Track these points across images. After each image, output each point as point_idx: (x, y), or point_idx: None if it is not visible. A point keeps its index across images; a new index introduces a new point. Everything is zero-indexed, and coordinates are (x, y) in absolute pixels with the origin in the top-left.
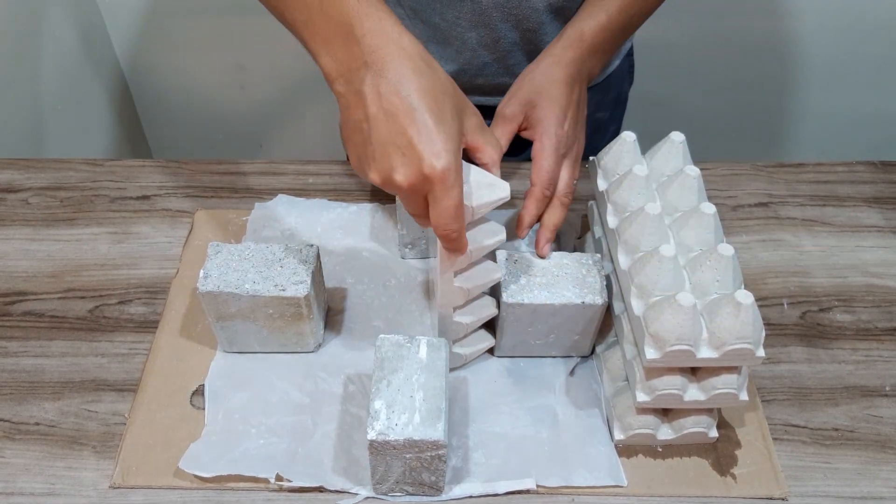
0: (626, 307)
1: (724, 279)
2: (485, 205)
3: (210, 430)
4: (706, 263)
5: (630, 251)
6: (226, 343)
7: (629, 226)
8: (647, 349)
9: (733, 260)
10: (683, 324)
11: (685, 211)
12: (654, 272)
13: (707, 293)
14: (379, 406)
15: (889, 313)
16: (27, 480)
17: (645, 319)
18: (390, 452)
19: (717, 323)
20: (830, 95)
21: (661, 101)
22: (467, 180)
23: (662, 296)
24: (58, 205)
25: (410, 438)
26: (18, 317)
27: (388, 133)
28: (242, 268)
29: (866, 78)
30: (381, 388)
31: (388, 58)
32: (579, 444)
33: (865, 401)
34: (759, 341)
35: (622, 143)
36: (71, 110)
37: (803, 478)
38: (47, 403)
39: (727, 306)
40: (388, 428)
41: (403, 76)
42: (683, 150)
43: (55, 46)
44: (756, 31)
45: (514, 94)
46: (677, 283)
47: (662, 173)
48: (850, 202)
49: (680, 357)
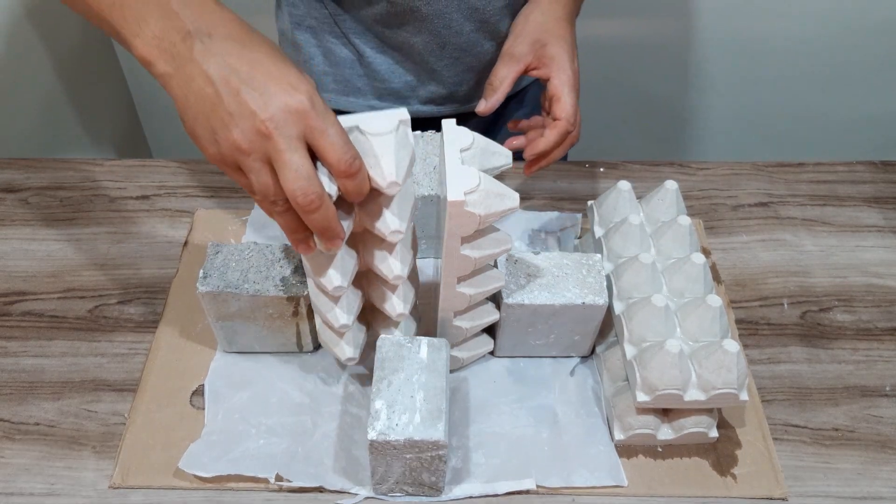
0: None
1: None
2: (493, 214)
3: (210, 430)
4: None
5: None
6: (226, 343)
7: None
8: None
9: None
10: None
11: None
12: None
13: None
14: (379, 406)
15: (889, 313)
16: (27, 480)
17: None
18: (391, 452)
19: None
20: (830, 95)
21: (661, 101)
22: (479, 188)
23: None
24: (57, 205)
25: (411, 438)
26: (18, 317)
27: (238, 82)
28: (242, 268)
29: (866, 78)
30: (381, 389)
31: (213, 23)
32: (579, 444)
33: (865, 401)
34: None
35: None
36: (71, 110)
37: (803, 478)
38: (47, 403)
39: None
40: (388, 428)
41: (233, 34)
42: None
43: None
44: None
45: (520, 34)
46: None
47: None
48: (850, 202)
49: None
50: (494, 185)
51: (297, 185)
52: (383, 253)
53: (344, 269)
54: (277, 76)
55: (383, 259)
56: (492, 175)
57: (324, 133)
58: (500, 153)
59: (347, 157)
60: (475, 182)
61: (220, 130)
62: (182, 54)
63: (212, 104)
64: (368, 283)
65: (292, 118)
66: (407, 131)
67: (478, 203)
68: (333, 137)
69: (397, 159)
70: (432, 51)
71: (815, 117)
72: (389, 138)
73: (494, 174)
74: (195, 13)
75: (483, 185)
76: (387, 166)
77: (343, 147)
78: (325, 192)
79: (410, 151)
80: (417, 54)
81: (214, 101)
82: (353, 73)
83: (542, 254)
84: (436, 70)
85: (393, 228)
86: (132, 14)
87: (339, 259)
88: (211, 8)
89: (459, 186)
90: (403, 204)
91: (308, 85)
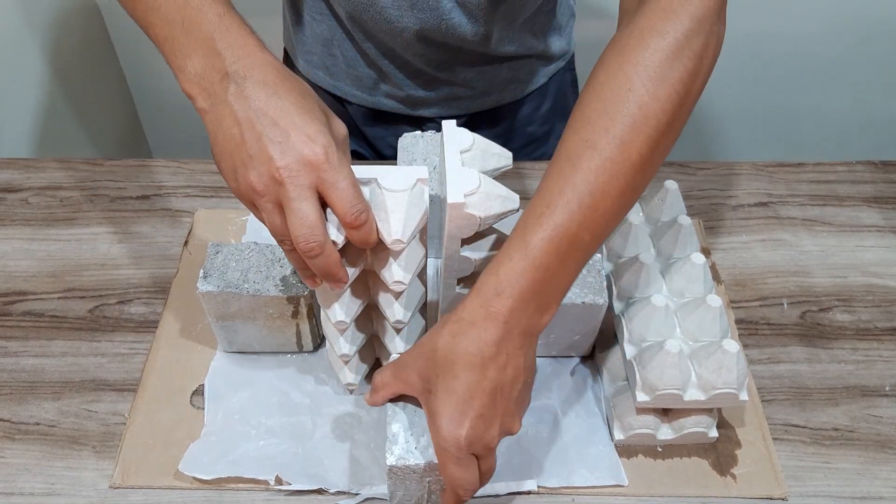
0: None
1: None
2: (494, 216)
3: (209, 431)
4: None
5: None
6: (226, 343)
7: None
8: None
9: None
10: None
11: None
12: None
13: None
14: (397, 429)
15: (889, 313)
16: (27, 480)
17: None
18: (410, 476)
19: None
20: (830, 95)
21: None
22: (479, 190)
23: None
24: (58, 205)
25: (431, 462)
26: (18, 317)
27: (262, 128)
28: (242, 268)
29: (866, 78)
30: (397, 411)
31: (251, 66)
32: (579, 444)
33: (865, 401)
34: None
35: None
36: (71, 110)
37: (803, 478)
38: (47, 403)
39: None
40: (407, 452)
41: (267, 80)
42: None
43: (55, 46)
44: (756, 31)
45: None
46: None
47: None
48: (850, 202)
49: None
50: (495, 186)
51: (300, 232)
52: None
53: (348, 308)
54: (300, 126)
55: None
56: (492, 176)
57: (334, 185)
58: (500, 154)
59: (354, 211)
60: (475, 184)
61: (240, 169)
62: (218, 94)
63: (236, 144)
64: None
65: (305, 169)
66: (423, 189)
67: (478, 205)
68: (343, 191)
69: (406, 218)
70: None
71: (815, 117)
72: (403, 196)
73: (495, 175)
74: (235, 56)
75: (483, 187)
76: (395, 224)
77: (351, 200)
78: (327, 241)
79: (423, 210)
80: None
81: (238, 142)
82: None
83: None
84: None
85: (396, 279)
86: (180, 49)
87: (345, 296)
88: (251, 51)
89: (459, 188)
90: (411, 257)
91: (326, 138)
